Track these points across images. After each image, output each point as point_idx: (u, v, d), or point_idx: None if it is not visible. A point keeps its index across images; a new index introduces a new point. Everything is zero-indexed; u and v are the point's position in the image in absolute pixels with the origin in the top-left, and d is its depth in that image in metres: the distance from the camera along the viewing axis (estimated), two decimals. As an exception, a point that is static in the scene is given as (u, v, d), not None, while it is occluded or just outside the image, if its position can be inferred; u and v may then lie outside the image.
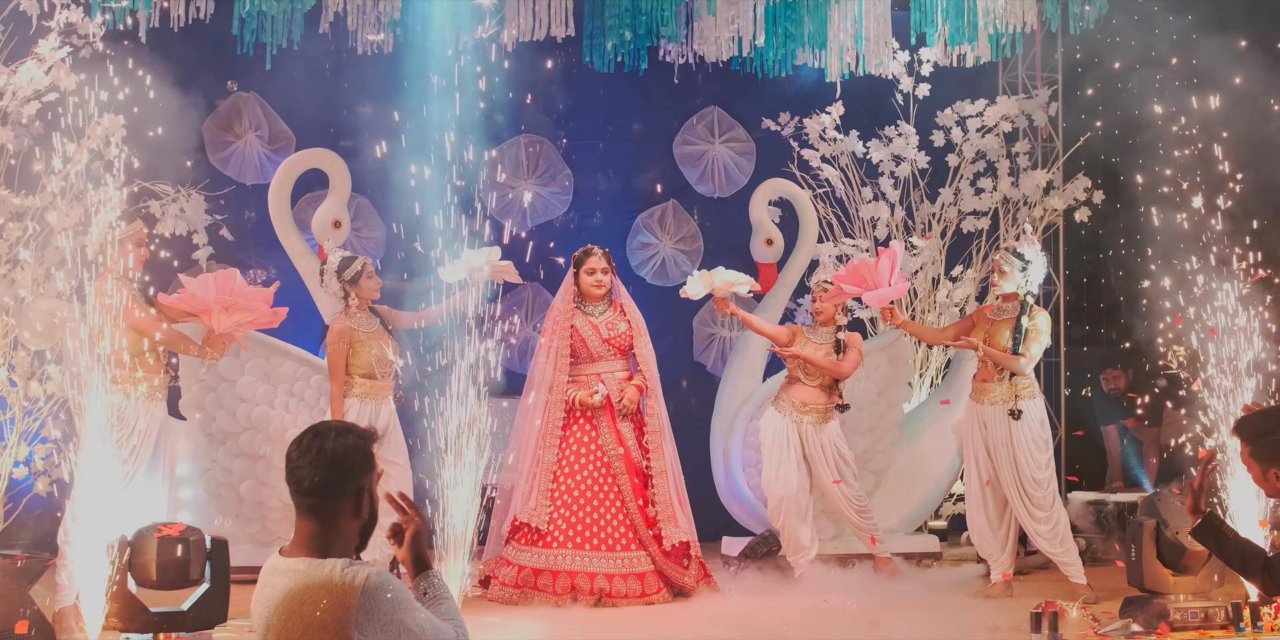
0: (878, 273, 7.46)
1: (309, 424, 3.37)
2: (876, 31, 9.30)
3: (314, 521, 3.24)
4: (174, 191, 9.02)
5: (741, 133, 10.55)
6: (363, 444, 3.30)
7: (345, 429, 3.30)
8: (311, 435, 3.26)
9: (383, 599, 3.13)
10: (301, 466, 3.22)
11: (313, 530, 3.23)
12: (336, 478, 3.22)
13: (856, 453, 8.69)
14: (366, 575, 3.13)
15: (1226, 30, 9.08)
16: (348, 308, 7.48)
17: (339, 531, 3.25)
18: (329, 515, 3.23)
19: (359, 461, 3.27)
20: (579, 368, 7.68)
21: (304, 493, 3.23)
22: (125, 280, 6.56)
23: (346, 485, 3.24)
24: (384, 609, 3.13)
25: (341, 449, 3.24)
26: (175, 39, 8.62)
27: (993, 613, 6.86)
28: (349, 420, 7.17)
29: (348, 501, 3.25)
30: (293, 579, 3.17)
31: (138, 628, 5.41)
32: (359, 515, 3.29)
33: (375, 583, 3.13)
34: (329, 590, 3.12)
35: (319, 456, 3.21)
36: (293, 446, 3.27)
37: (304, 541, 3.24)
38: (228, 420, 8.08)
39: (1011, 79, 10.67)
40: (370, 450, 3.33)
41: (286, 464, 3.25)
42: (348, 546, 3.28)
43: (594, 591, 7.19)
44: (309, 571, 3.16)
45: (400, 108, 9.23)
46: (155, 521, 5.59)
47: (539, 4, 8.72)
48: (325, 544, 3.23)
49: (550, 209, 10.23)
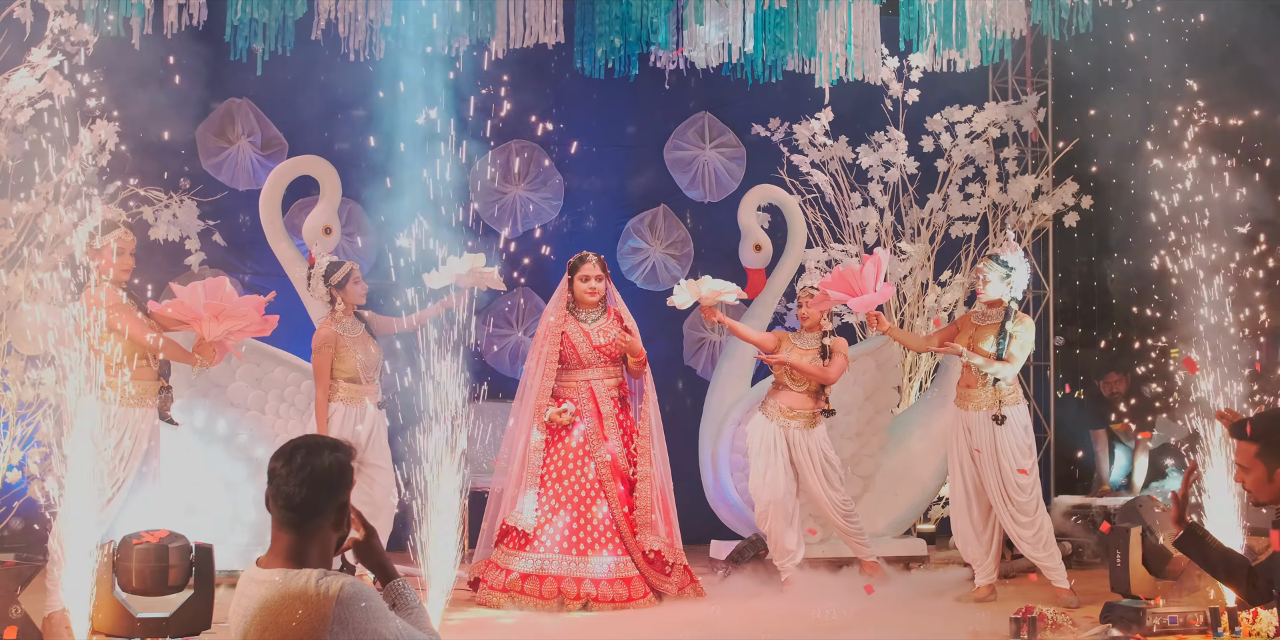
0: (863, 279, 7.51)
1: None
2: (865, 38, 9.34)
3: (293, 534, 3.26)
4: (166, 197, 9.06)
5: (732, 138, 10.60)
6: (349, 461, 3.33)
7: (335, 445, 3.32)
8: (305, 452, 3.27)
9: (357, 609, 3.17)
10: (290, 483, 3.23)
11: (291, 542, 3.26)
12: (325, 495, 3.26)
13: (844, 457, 8.75)
14: (341, 586, 3.17)
15: (1216, 34, 9.14)
16: (334, 312, 7.55)
17: (318, 543, 3.28)
18: (310, 529, 3.26)
19: (348, 478, 3.31)
20: (568, 374, 7.72)
21: (291, 508, 3.24)
22: (116, 288, 6.60)
23: (334, 500, 3.28)
24: (358, 619, 3.16)
25: (336, 465, 3.28)
26: (168, 46, 8.67)
27: (975, 617, 6.91)
28: (333, 423, 7.27)
29: (331, 515, 3.29)
30: (269, 589, 3.20)
31: (123, 633, 5.46)
32: (339, 528, 3.33)
33: (349, 593, 3.17)
34: (304, 601, 3.15)
35: (310, 475, 3.24)
36: (279, 462, 3.27)
37: (281, 553, 3.27)
38: (220, 425, 8.13)
39: (1002, 84, 10.73)
40: (353, 466, 3.38)
41: (272, 478, 3.26)
42: (326, 557, 3.31)
43: (580, 596, 7.25)
44: (285, 582, 3.19)
45: (391, 114, 9.28)
46: (140, 528, 5.63)
47: (529, 12, 8.77)
48: (303, 555, 3.26)
49: (542, 214, 10.28)
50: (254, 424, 8.10)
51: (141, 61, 8.72)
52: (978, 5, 9.09)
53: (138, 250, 6.98)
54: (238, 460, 8.13)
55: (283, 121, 9.83)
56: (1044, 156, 10.58)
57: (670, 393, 9.77)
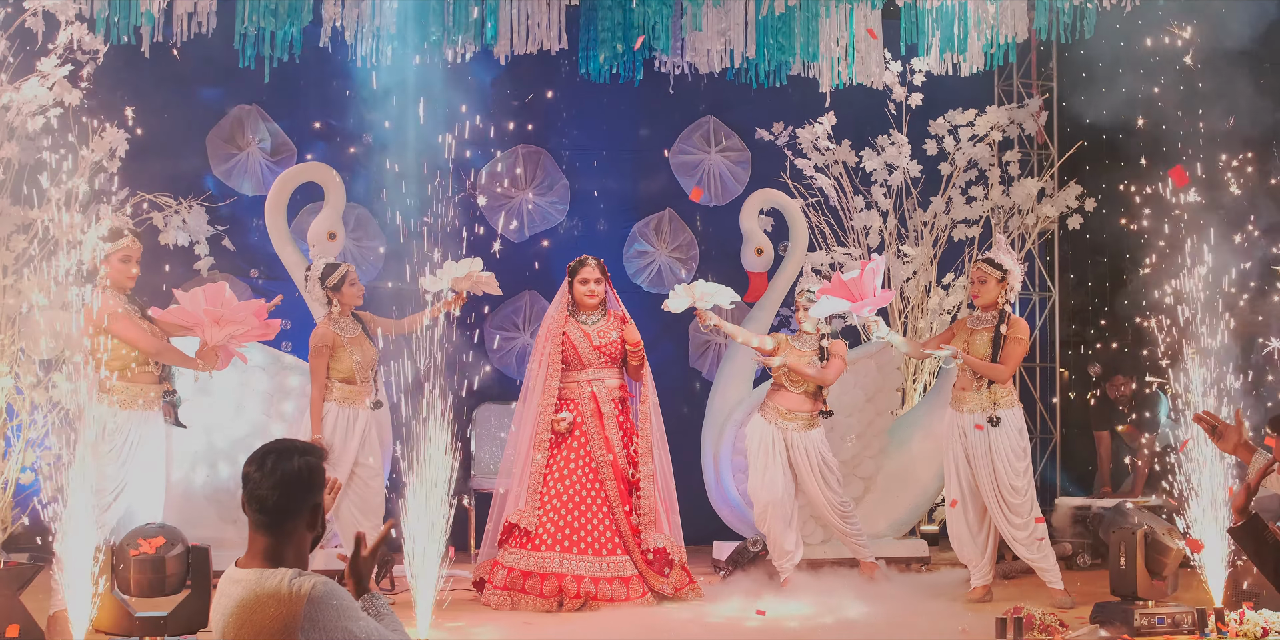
0: (861, 285, 7.56)
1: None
2: (867, 43, 9.41)
3: (268, 536, 3.37)
4: (176, 203, 9.19)
5: (737, 142, 10.67)
6: (320, 463, 3.44)
7: (305, 449, 3.42)
8: (275, 457, 3.37)
9: (328, 607, 3.27)
10: (263, 487, 3.33)
11: (267, 543, 3.37)
12: (297, 497, 3.36)
13: (845, 459, 8.81)
14: (313, 585, 3.27)
15: (1222, 36, 9.15)
16: (330, 313, 7.65)
17: (293, 544, 3.38)
18: (284, 530, 3.37)
19: (318, 480, 3.41)
20: (570, 374, 7.82)
21: (264, 511, 3.35)
22: (117, 294, 6.74)
23: (305, 503, 3.38)
24: (328, 617, 3.26)
25: (305, 469, 3.37)
26: (177, 54, 8.78)
27: (968, 617, 6.96)
28: (326, 423, 7.39)
29: (304, 517, 3.39)
30: (244, 589, 3.31)
31: (122, 631, 5.58)
32: (313, 529, 3.44)
33: (321, 592, 3.27)
34: (277, 600, 3.26)
35: (282, 478, 3.33)
36: (251, 466, 3.37)
37: (258, 554, 3.37)
38: (227, 427, 8.26)
39: (1008, 87, 10.77)
40: (324, 468, 3.49)
41: (245, 482, 3.36)
42: (301, 557, 3.41)
43: (580, 594, 7.34)
44: (259, 582, 3.30)
45: (398, 120, 9.40)
46: (138, 535, 5.73)
47: (531, 19, 8.87)
48: (279, 555, 3.36)
49: (548, 218, 10.38)
50: (261, 426, 8.22)
51: (151, 69, 8.87)
52: (979, 10, 9.14)
53: (148, 256, 7.10)
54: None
55: (291, 128, 9.96)
56: (1049, 159, 10.62)
57: (676, 395, 9.85)
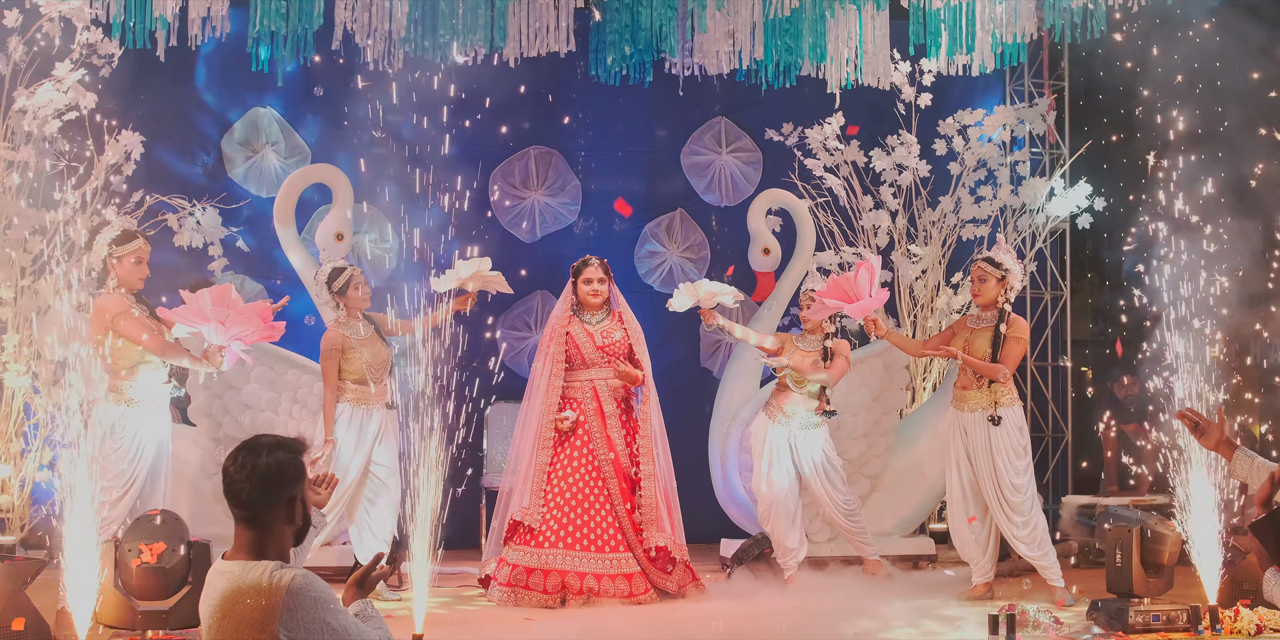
0: (857, 285, 7.60)
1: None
2: (876, 44, 9.43)
3: (250, 530, 3.51)
4: (190, 205, 9.32)
5: (749, 142, 10.73)
6: (294, 458, 3.56)
7: (277, 444, 3.55)
8: (246, 452, 3.51)
9: (306, 599, 3.40)
10: (238, 481, 3.48)
11: (249, 537, 3.51)
12: (271, 491, 3.49)
13: (852, 457, 8.86)
14: (292, 577, 3.41)
15: (1235, 35, 9.15)
16: (339, 316, 7.74)
17: (274, 537, 3.52)
18: (264, 523, 3.51)
19: (291, 474, 3.53)
20: (574, 374, 7.88)
21: (240, 506, 3.49)
22: (126, 294, 6.88)
23: (280, 497, 3.51)
24: (306, 608, 3.40)
25: (275, 464, 3.50)
26: (191, 57, 8.91)
27: (968, 615, 7.01)
28: (339, 424, 7.48)
29: (281, 511, 3.52)
30: (228, 580, 3.45)
31: (125, 624, 5.70)
32: (293, 521, 3.57)
33: (300, 584, 3.41)
34: (257, 591, 3.40)
35: (254, 472, 3.47)
36: (228, 462, 3.52)
37: (243, 547, 3.52)
38: (234, 426, 8.37)
39: (1019, 87, 10.79)
40: (301, 462, 3.60)
41: (224, 478, 3.51)
42: (283, 550, 3.55)
43: (583, 591, 7.41)
44: (242, 574, 3.44)
45: (410, 121, 9.51)
46: (140, 536, 5.82)
47: (541, 21, 8.94)
48: (261, 548, 3.50)
49: (559, 219, 10.47)
50: (267, 425, 8.32)
51: (166, 73, 9.00)
52: (987, 10, 9.15)
53: (161, 257, 7.22)
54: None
55: (303, 130, 10.08)
56: (1060, 158, 10.63)
57: (686, 394, 9.92)
